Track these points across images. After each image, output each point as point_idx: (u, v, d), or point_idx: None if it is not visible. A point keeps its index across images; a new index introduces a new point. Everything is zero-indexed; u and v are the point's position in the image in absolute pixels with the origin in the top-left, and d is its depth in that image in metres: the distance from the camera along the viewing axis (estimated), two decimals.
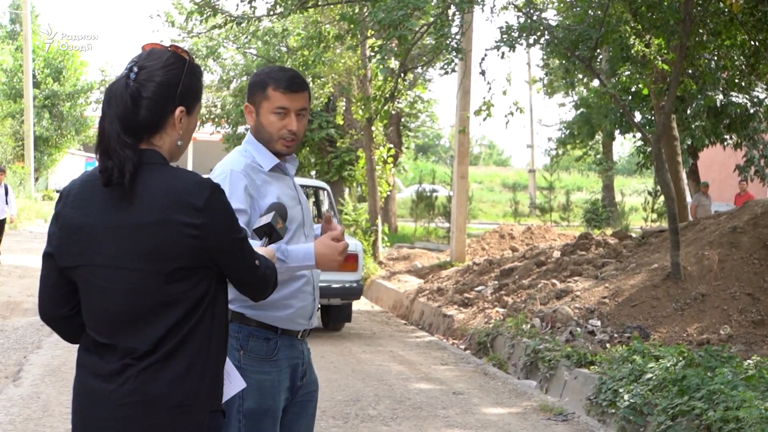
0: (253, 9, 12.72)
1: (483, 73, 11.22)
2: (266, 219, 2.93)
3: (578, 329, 9.05)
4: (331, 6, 15.10)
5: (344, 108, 22.04)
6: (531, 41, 10.87)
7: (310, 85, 19.59)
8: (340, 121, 21.75)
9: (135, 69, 2.42)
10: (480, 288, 12.49)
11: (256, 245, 2.76)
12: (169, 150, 2.48)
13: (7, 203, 16.14)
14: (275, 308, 3.18)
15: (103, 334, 2.42)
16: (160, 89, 2.42)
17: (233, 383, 2.60)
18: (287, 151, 3.31)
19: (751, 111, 15.94)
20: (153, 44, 2.51)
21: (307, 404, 3.35)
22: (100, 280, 2.41)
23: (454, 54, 10.91)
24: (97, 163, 2.41)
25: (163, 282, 2.37)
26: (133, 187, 2.36)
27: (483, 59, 11.20)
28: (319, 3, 13.35)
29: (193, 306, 2.40)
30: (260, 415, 3.13)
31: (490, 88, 11.91)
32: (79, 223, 2.42)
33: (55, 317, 2.53)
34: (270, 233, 2.92)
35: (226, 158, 3.32)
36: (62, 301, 2.50)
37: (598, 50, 12.18)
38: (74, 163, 46.58)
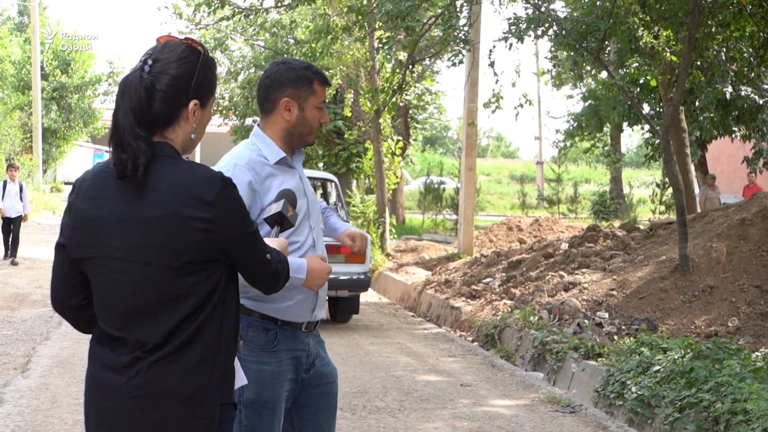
0: (261, 1, 12.73)
1: (492, 64, 11.22)
2: (276, 207, 2.92)
3: (586, 321, 9.05)
4: None
5: (352, 100, 22.04)
6: (539, 33, 10.85)
7: None
8: (348, 113, 21.75)
9: (149, 61, 2.42)
10: (488, 280, 12.49)
11: (267, 234, 2.76)
12: (182, 143, 2.48)
13: (21, 200, 16.13)
14: (276, 300, 3.16)
15: (114, 326, 2.42)
16: (174, 82, 2.42)
17: (236, 379, 2.60)
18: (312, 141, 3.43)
19: (760, 103, 15.91)
20: (168, 37, 2.51)
21: (325, 395, 3.35)
22: (111, 272, 2.41)
23: (462, 45, 10.91)
24: (106, 156, 2.41)
25: (174, 275, 2.37)
26: (145, 180, 2.36)
27: (491, 51, 11.20)
28: None
29: (204, 300, 2.40)
30: (260, 406, 3.13)
31: (497, 80, 11.91)
32: (91, 216, 2.42)
33: (68, 307, 2.54)
34: (281, 221, 2.91)
35: (231, 152, 3.31)
36: (74, 292, 2.51)
37: (607, 42, 12.16)
38: (82, 155, 46.74)
